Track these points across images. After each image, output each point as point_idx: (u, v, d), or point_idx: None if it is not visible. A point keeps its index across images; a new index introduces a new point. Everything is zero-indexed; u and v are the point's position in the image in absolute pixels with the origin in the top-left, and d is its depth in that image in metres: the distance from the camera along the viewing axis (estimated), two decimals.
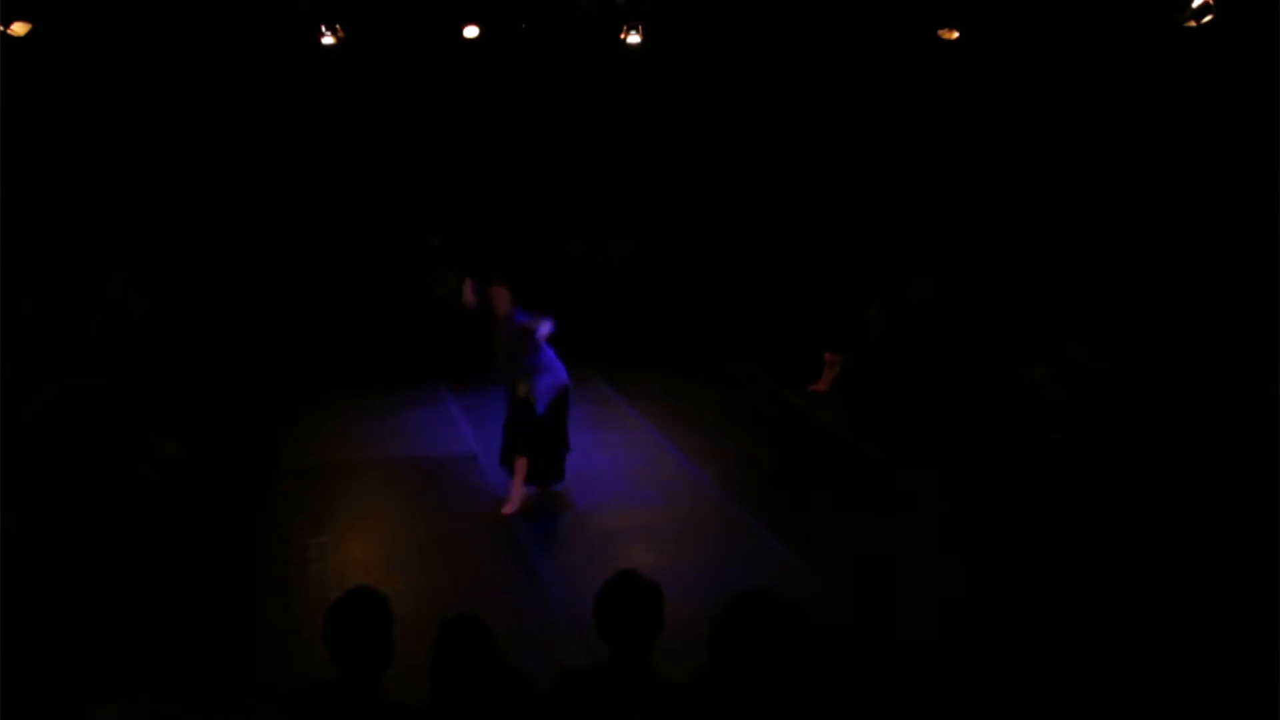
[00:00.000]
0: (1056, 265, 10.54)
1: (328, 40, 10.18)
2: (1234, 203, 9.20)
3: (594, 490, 7.89)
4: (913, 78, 11.67)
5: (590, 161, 12.72)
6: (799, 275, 12.51)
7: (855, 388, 10.51)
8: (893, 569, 6.70)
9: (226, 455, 8.80)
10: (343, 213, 12.43)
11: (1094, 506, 7.50)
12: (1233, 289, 8.97)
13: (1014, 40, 10.35)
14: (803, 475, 8.49)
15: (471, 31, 10.52)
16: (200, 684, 5.26)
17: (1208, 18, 8.96)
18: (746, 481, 8.10)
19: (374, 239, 12.59)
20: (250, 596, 6.28)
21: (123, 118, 11.00)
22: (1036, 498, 7.80)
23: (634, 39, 10.54)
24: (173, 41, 10.35)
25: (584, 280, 12.76)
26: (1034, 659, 5.23)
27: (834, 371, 10.68)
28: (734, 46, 11.58)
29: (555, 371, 7.52)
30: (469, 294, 7.71)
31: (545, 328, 7.35)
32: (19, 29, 9.10)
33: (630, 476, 8.22)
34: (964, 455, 8.74)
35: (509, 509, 7.51)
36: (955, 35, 10.54)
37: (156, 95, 11.08)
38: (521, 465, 7.54)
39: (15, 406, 7.57)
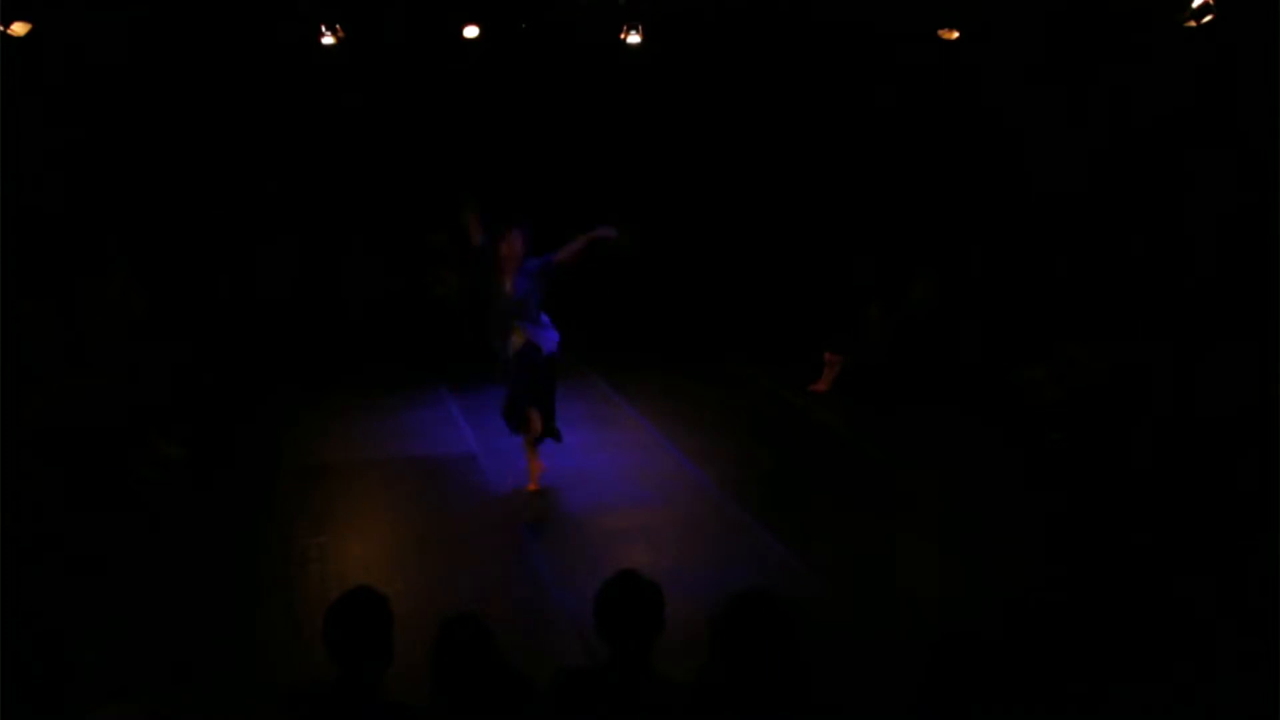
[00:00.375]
0: (1056, 265, 10.53)
1: (328, 40, 10.18)
2: (1234, 203, 9.19)
3: (594, 490, 7.89)
4: (913, 78, 11.66)
5: (590, 161, 12.71)
6: (799, 275, 12.51)
7: (855, 388, 10.49)
8: (893, 569, 6.69)
9: (226, 455, 8.79)
10: (342, 212, 12.42)
11: (1094, 506, 7.49)
12: (1232, 289, 8.96)
13: (1014, 40, 10.35)
14: (803, 475, 8.48)
15: (471, 31, 10.52)
16: (200, 684, 5.26)
17: (1208, 18, 8.96)
18: (746, 481, 8.09)
19: (374, 239, 12.58)
20: (250, 596, 6.28)
21: (123, 118, 10.99)
22: (1036, 498, 7.79)
23: (634, 39, 10.54)
24: (173, 42, 10.34)
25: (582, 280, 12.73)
26: (1034, 659, 5.23)
27: (834, 371, 10.67)
28: (734, 46, 11.57)
29: (553, 331, 7.71)
30: (475, 233, 7.68)
31: (605, 230, 7.58)
32: (19, 29, 9.08)
33: (630, 476, 8.22)
34: (964, 455, 8.73)
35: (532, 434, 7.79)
36: (955, 35, 10.54)
37: (156, 95, 11.07)
38: (534, 412, 7.68)
39: (15, 406, 7.56)
